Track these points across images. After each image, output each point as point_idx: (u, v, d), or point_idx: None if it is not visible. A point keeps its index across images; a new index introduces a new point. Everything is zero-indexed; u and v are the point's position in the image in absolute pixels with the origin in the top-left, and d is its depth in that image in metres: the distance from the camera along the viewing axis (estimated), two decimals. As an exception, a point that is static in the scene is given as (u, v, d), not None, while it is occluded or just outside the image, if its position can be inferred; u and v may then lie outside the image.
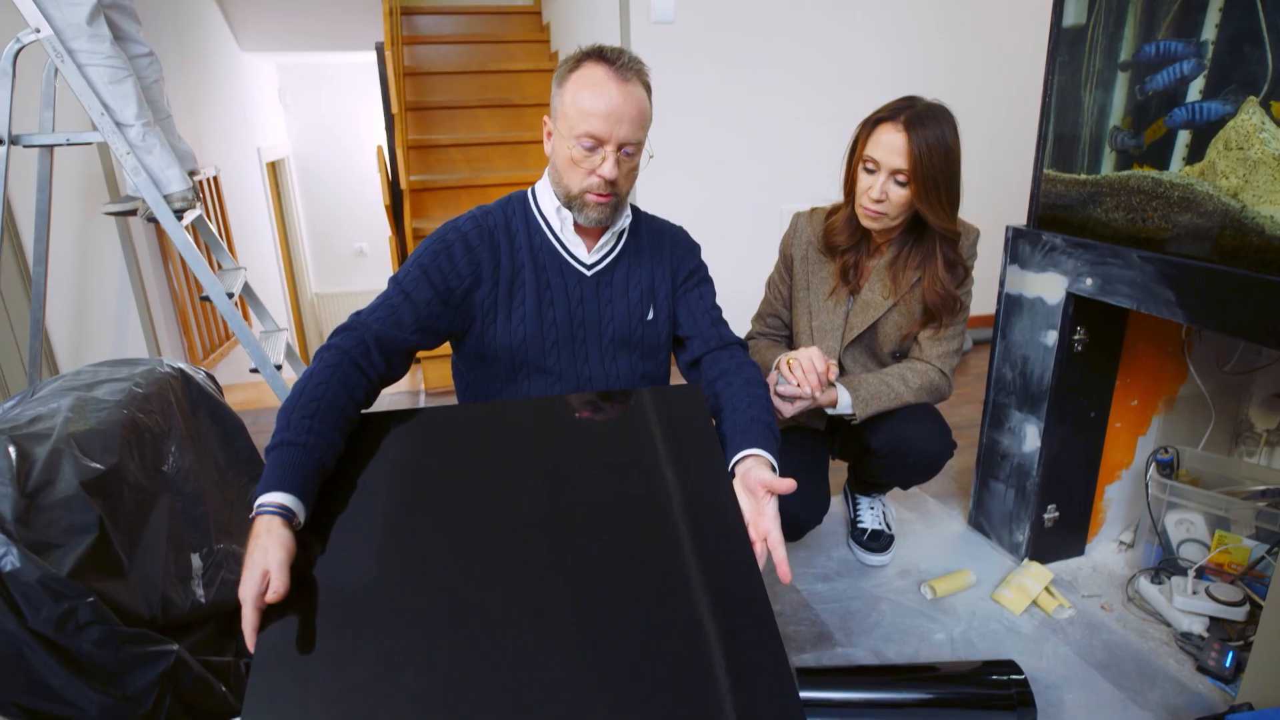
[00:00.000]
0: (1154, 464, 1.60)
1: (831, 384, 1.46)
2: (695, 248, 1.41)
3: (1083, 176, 1.48)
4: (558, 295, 1.25)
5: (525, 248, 1.24)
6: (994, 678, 1.30)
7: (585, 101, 1.12)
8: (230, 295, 2.21)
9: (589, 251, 1.27)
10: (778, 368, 1.43)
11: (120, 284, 2.69)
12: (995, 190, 2.86)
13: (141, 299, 2.74)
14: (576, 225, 1.25)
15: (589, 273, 1.28)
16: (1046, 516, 1.69)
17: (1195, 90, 1.30)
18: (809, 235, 1.61)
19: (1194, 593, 1.48)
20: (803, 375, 1.38)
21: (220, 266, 2.54)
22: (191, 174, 2.28)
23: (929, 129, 1.36)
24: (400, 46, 3.38)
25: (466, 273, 1.20)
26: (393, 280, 1.20)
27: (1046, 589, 1.60)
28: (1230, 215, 1.22)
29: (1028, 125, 1.62)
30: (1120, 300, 1.40)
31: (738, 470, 1.08)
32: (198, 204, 2.25)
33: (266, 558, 0.83)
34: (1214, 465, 1.62)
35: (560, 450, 1.10)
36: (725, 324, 1.37)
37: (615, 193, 1.19)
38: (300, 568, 0.87)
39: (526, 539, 0.94)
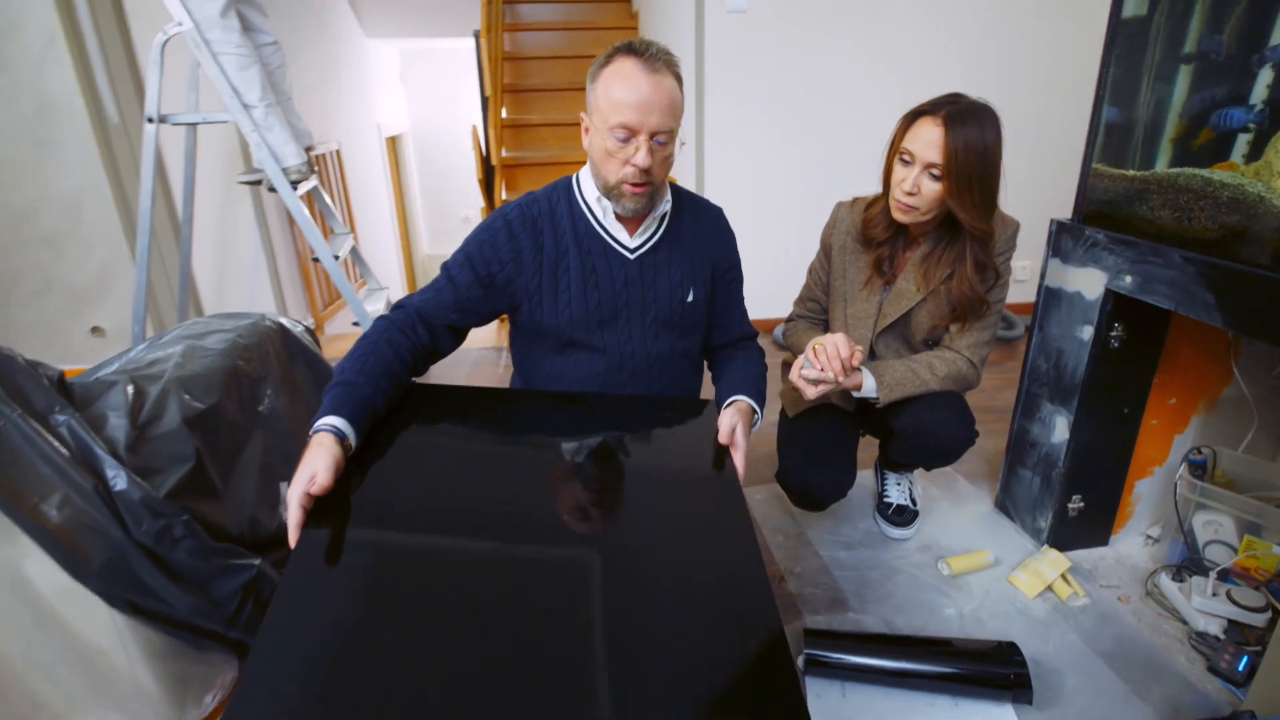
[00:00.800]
0: (1186, 463, 1.46)
1: (856, 369, 1.40)
2: (733, 235, 1.39)
3: (1130, 172, 1.34)
4: (603, 279, 1.24)
5: (570, 234, 1.23)
6: (993, 657, 1.25)
7: (617, 93, 1.08)
8: (336, 257, 2.32)
9: (631, 236, 1.25)
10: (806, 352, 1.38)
11: (253, 243, 2.86)
12: (1044, 181, 2.65)
13: (270, 256, 2.91)
14: (618, 213, 1.23)
15: (632, 256, 1.26)
16: (1071, 506, 1.58)
17: (1263, 85, 1.15)
18: (848, 225, 1.53)
19: (1214, 594, 1.36)
20: (827, 360, 1.33)
21: (332, 231, 2.65)
22: (307, 150, 2.38)
23: (968, 126, 1.25)
24: (498, 33, 3.38)
25: (508, 259, 1.20)
26: (443, 265, 1.24)
27: (1063, 576, 1.51)
28: (1281, 219, 1.08)
29: (1083, 117, 1.47)
30: (1158, 300, 1.27)
31: (724, 412, 1.17)
32: (312, 176, 2.35)
33: (315, 463, 0.87)
34: (1252, 469, 1.47)
35: (581, 443, 1.11)
36: (747, 317, 1.42)
37: (650, 181, 1.16)
38: (343, 492, 0.91)
39: (539, 520, 0.94)
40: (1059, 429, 1.55)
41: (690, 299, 1.30)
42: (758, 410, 1.22)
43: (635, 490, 1.00)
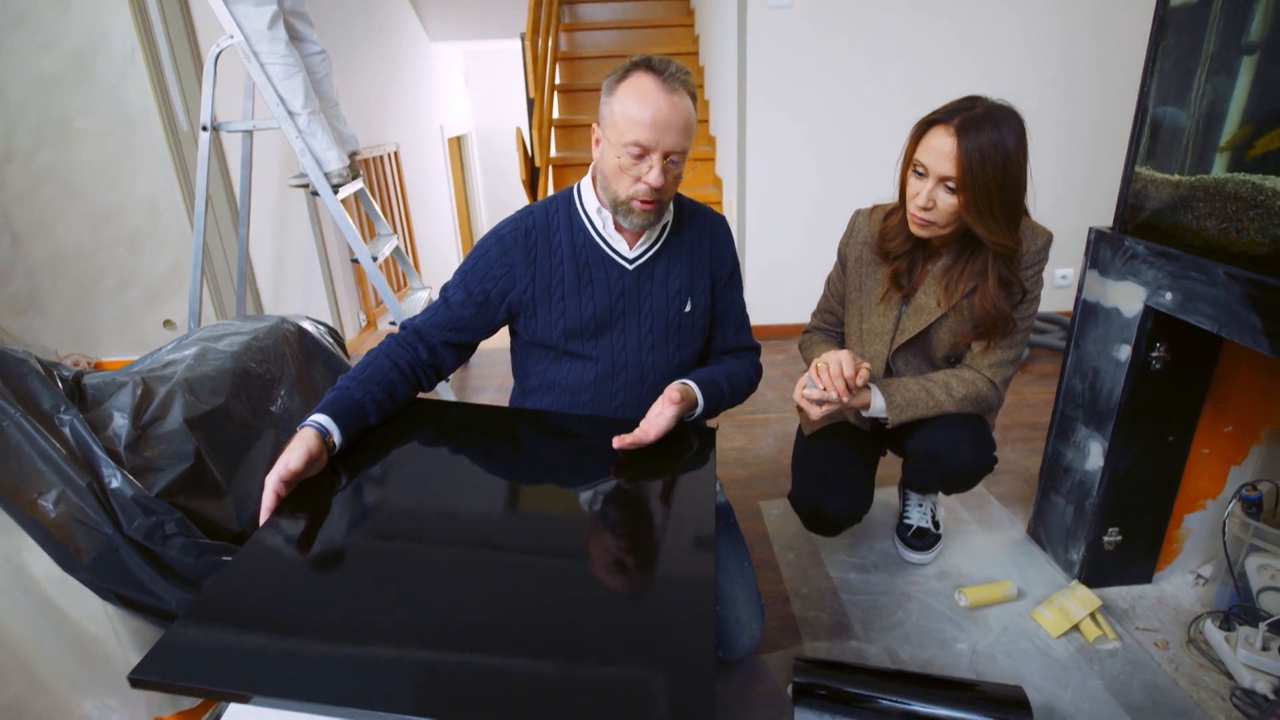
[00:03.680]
0: (1238, 500, 1.31)
1: (864, 387, 1.31)
2: (731, 241, 1.33)
3: (1175, 177, 1.21)
4: (599, 289, 1.22)
5: (565, 245, 1.22)
6: (994, 703, 1.15)
7: (633, 111, 1.07)
8: (376, 258, 2.38)
9: (631, 248, 1.23)
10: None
11: (308, 242, 2.99)
12: (1091, 184, 2.43)
13: (324, 255, 3.02)
14: (615, 222, 1.21)
15: (631, 266, 1.23)
16: (1107, 540, 1.44)
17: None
18: (865, 235, 1.44)
19: (1264, 648, 1.21)
20: (829, 379, 1.25)
21: (377, 233, 2.73)
22: (352, 155, 2.45)
23: (984, 134, 1.14)
24: (543, 36, 3.39)
25: (500, 274, 1.21)
26: (442, 286, 1.26)
27: (1092, 616, 1.38)
28: (1339, 233, 0.94)
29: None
30: (1200, 320, 1.13)
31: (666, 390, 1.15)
32: (356, 180, 2.42)
33: (289, 453, 0.94)
34: (1322, 509, 1.30)
35: (568, 461, 1.13)
36: (747, 329, 1.36)
37: (659, 199, 1.14)
38: (322, 489, 0.96)
39: (508, 525, 0.96)
40: (1093, 455, 1.41)
41: (688, 309, 1.27)
42: (700, 402, 1.18)
43: (604, 512, 0.98)
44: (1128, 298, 1.30)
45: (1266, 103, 1.10)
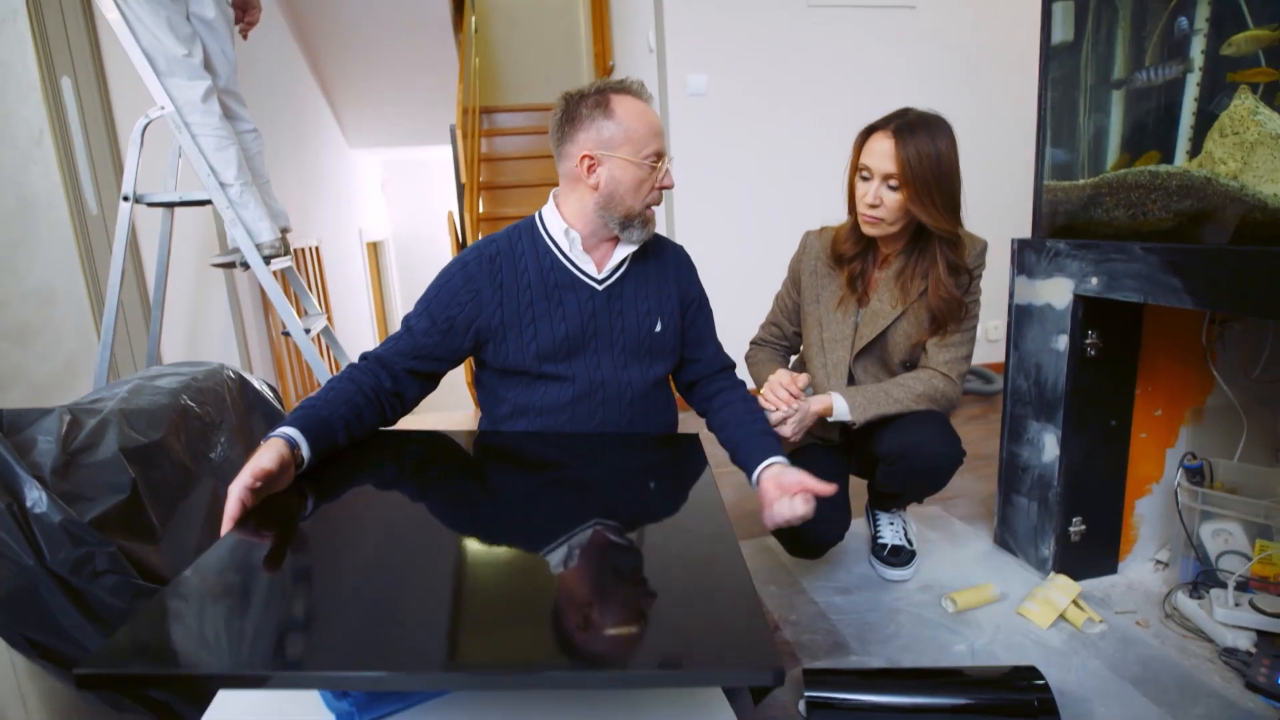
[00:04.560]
0: (1182, 470, 1.41)
1: (825, 394, 1.40)
2: (695, 269, 1.40)
3: (1081, 181, 1.38)
4: (570, 310, 1.22)
5: (533, 269, 1.22)
6: (1012, 683, 1.13)
7: (642, 126, 1.17)
8: (308, 331, 2.28)
9: (599, 270, 1.25)
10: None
11: (225, 328, 2.83)
12: (1004, 205, 2.73)
13: (242, 343, 2.86)
14: (584, 244, 1.24)
15: (600, 287, 1.25)
16: (1072, 530, 1.50)
17: (1193, 85, 1.20)
18: (817, 250, 1.55)
19: (1236, 605, 1.27)
20: (776, 400, 1.36)
21: (306, 312, 2.63)
22: (284, 230, 2.40)
23: (918, 136, 1.29)
24: (474, 139, 3.55)
25: (466, 300, 1.19)
26: (404, 318, 1.24)
27: (1075, 602, 1.40)
28: (1230, 195, 1.10)
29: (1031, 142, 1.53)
30: (1127, 295, 1.26)
31: (767, 474, 1.13)
32: (286, 256, 2.35)
33: (259, 460, 0.88)
34: (1253, 476, 1.41)
35: (563, 479, 1.09)
36: (722, 348, 1.42)
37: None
38: (290, 510, 0.87)
39: (510, 537, 0.88)
40: (1049, 447, 1.49)
41: (658, 329, 1.29)
42: (784, 456, 1.18)
43: (615, 527, 0.90)
44: (1057, 292, 1.43)
45: (1136, 132, 1.30)
